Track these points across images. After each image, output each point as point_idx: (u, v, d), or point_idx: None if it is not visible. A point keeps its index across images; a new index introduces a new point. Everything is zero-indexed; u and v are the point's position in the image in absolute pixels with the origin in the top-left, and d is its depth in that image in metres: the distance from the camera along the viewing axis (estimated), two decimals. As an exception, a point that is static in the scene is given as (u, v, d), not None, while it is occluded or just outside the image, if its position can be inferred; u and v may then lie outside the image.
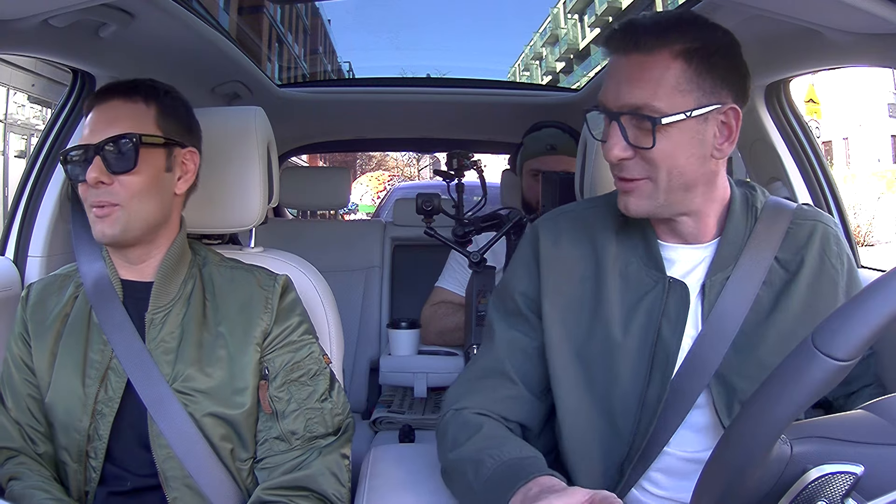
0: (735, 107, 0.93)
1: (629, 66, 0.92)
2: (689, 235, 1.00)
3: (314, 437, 1.11)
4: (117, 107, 1.10)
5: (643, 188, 0.94)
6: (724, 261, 0.99)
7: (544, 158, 2.01)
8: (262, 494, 1.07)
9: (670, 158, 0.92)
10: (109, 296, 1.12)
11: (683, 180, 0.94)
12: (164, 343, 1.10)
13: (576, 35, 4.41)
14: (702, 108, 0.90)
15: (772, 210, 1.02)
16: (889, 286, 0.52)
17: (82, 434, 1.07)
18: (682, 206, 0.97)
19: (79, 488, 1.08)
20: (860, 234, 10.44)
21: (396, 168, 21.08)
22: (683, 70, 0.90)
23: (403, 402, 2.19)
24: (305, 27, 3.72)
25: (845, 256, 1.01)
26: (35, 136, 9.06)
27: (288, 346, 1.14)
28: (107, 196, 1.06)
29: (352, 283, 2.48)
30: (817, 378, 0.52)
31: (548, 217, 1.10)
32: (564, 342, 1.00)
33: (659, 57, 0.90)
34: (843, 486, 0.56)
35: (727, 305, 0.96)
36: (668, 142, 0.91)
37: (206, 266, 1.18)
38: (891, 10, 0.92)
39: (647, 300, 0.98)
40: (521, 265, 1.07)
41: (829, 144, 16.31)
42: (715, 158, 0.95)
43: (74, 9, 1.12)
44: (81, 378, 1.08)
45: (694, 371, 0.96)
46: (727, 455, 0.57)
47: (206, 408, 1.08)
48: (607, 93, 0.94)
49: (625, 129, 0.92)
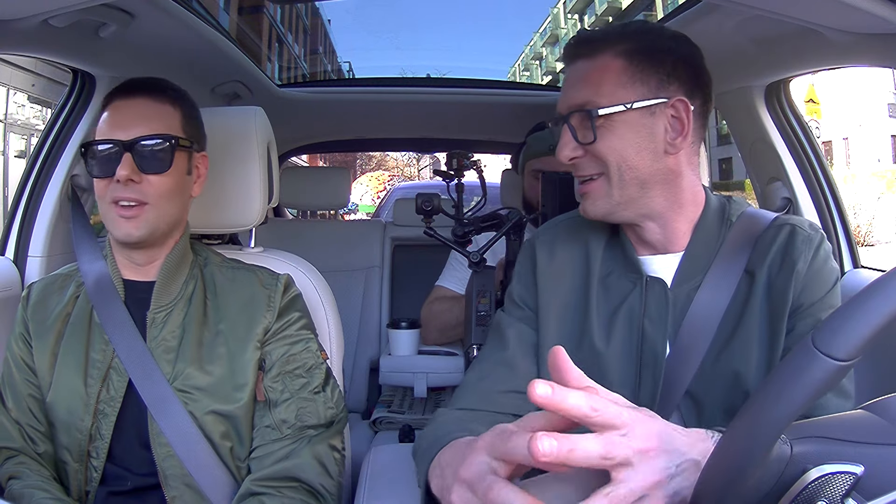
0: (684, 99, 0.92)
1: (575, 71, 0.96)
2: (659, 244, 0.99)
3: (305, 427, 1.12)
4: (146, 105, 1.10)
5: (598, 188, 0.96)
6: (690, 270, 0.97)
7: (547, 159, 2.00)
8: (251, 486, 1.07)
9: (618, 152, 0.93)
10: (111, 295, 1.12)
11: (636, 175, 0.94)
12: (164, 342, 1.10)
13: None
14: (645, 100, 0.92)
15: (746, 220, 0.99)
16: (889, 286, 0.52)
17: (84, 434, 1.07)
18: (641, 206, 0.96)
19: (79, 488, 1.08)
20: (860, 234, 10.44)
21: (396, 168, 21.09)
22: (624, 67, 0.92)
23: (403, 402, 2.19)
24: (305, 27, 3.72)
25: (812, 254, 0.94)
26: (35, 136, 9.06)
27: (285, 339, 1.15)
28: (136, 194, 1.07)
29: (352, 283, 2.48)
30: (817, 378, 0.52)
31: (546, 228, 1.11)
32: None
33: (601, 58, 0.94)
34: (843, 486, 0.56)
35: (696, 318, 0.95)
36: (612, 136, 0.92)
37: (208, 266, 1.19)
38: (891, 10, 0.92)
39: (627, 303, 0.98)
40: (521, 277, 1.09)
41: (829, 144, 16.32)
42: (670, 154, 0.94)
43: (74, 9, 1.12)
44: (83, 377, 1.09)
45: (678, 365, 0.94)
46: (727, 455, 0.57)
47: (207, 406, 1.09)
48: (559, 102, 0.98)
49: (573, 130, 0.95)
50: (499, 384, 1.01)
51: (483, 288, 1.68)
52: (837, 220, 1.64)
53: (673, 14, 1.48)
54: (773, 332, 0.92)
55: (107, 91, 1.12)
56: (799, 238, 0.94)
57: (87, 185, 1.58)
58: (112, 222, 1.08)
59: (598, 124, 0.92)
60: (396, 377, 2.02)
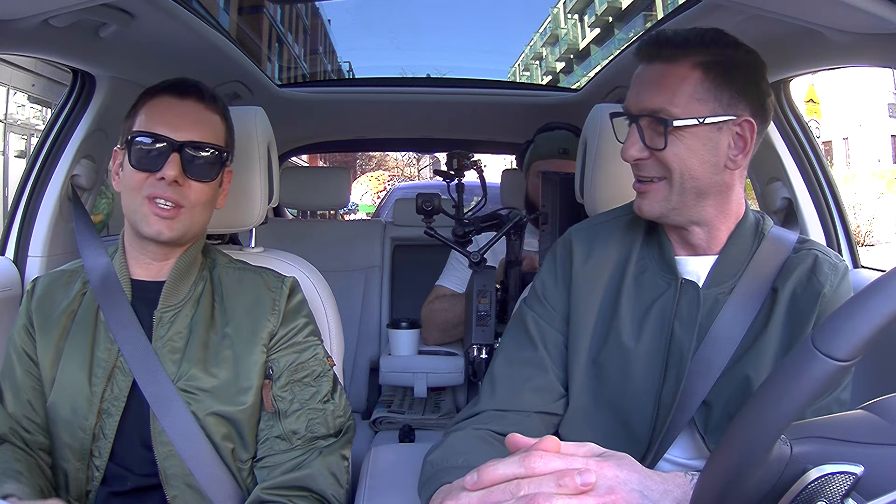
0: (751, 120, 0.96)
1: (651, 73, 0.98)
2: (699, 248, 1.03)
3: (315, 438, 1.12)
4: (198, 111, 1.11)
5: (658, 190, 0.99)
6: (722, 274, 1.01)
7: (554, 161, 2.00)
8: (260, 493, 1.07)
9: (683, 161, 0.96)
10: (116, 293, 1.11)
11: (696, 185, 0.97)
12: (171, 342, 1.10)
13: (576, 35, 4.39)
14: (716, 116, 0.94)
15: (775, 237, 1.03)
16: (889, 286, 0.52)
17: (88, 433, 1.07)
18: (694, 213, 0.99)
19: (80, 488, 1.08)
20: (860, 234, 10.43)
21: (396, 168, 21.09)
22: (701, 80, 0.95)
23: (403, 402, 2.19)
24: (305, 27, 3.72)
25: (838, 280, 0.99)
26: (35, 136, 9.05)
27: (293, 347, 1.14)
28: (178, 196, 1.07)
29: (352, 283, 2.49)
30: (817, 378, 0.52)
31: (583, 227, 1.13)
32: (583, 349, 1.04)
33: (679, 66, 0.95)
34: (843, 487, 0.56)
35: (723, 327, 0.98)
36: (681, 145, 0.95)
37: (216, 268, 1.19)
38: (891, 10, 0.92)
39: (659, 302, 1.01)
40: (553, 274, 1.10)
41: (829, 144, 16.32)
42: (729, 169, 0.98)
43: (74, 9, 1.12)
44: (88, 376, 1.08)
45: (701, 370, 0.97)
46: (727, 455, 0.57)
47: (210, 407, 1.09)
48: (630, 98, 1.00)
49: (642, 131, 0.97)
50: (530, 381, 1.03)
51: (483, 288, 1.68)
52: (837, 220, 1.63)
53: (673, 14, 1.48)
54: (791, 347, 0.95)
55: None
56: (826, 265, 0.99)
57: (88, 184, 1.58)
58: (143, 218, 1.07)
59: (670, 133, 0.95)
60: (396, 377, 2.02)
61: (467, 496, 0.69)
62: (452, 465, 0.87)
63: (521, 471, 0.68)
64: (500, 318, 1.72)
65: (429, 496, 0.84)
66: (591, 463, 0.69)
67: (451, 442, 0.96)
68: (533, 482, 0.67)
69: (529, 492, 0.66)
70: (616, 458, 0.71)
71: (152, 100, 1.11)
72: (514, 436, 0.75)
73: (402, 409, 2.13)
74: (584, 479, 0.66)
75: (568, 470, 0.67)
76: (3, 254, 1.52)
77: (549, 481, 0.66)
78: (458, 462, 0.87)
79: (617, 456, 0.72)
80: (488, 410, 1.02)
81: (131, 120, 1.11)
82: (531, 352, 1.05)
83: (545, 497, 0.65)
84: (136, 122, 1.10)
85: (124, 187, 1.09)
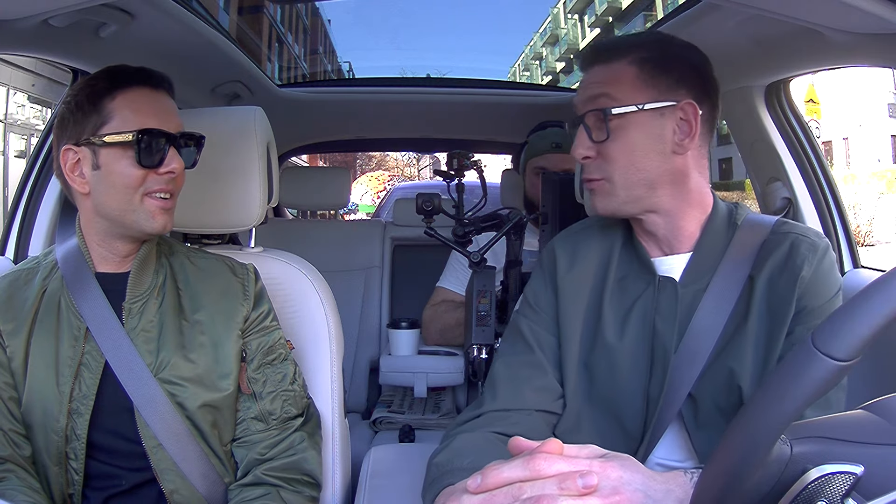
0: (692, 102, 0.97)
1: (591, 75, 1.03)
2: (665, 239, 1.03)
3: (289, 419, 1.16)
4: (170, 101, 1.11)
5: (604, 187, 1.01)
6: (698, 270, 1.01)
7: (549, 156, 2.02)
8: (261, 476, 1.11)
9: (626, 155, 0.98)
10: (91, 286, 1.08)
11: (644, 176, 0.98)
12: (144, 332, 1.08)
13: (576, 35, 4.40)
14: (656, 102, 0.97)
15: (749, 225, 1.02)
16: (889, 286, 0.52)
17: (60, 435, 1.04)
18: (648, 203, 1.00)
19: (62, 491, 1.06)
20: (860, 234, 10.43)
21: (396, 168, 21.09)
22: (637, 73, 0.98)
23: (403, 402, 2.19)
24: (305, 27, 3.72)
25: (817, 261, 0.96)
26: (35, 136, 9.06)
27: (263, 331, 1.17)
28: (173, 187, 1.09)
29: (352, 283, 2.49)
30: (817, 378, 0.52)
31: (566, 236, 1.14)
32: (573, 355, 1.05)
33: (615, 64, 1.00)
34: (843, 486, 0.56)
35: (703, 320, 0.98)
36: (624, 137, 0.98)
37: (174, 256, 1.18)
38: (891, 10, 0.92)
39: (640, 301, 1.02)
40: (540, 282, 1.12)
41: (829, 144, 16.33)
42: (678, 154, 0.98)
43: (74, 9, 1.12)
44: (55, 376, 1.05)
45: (684, 363, 0.98)
46: (727, 455, 0.57)
47: (200, 397, 1.08)
48: (576, 103, 1.04)
49: (588, 129, 1.00)
50: (530, 382, 1.05)
51: (483, 288, 1.68)
52: (837, 220, 1.64)
53: (673, 14, 1.48)
54: (771, 335, 0.95)
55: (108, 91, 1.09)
56: (804, 245, 0.97)
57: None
58: (147, 215, 1.06)
59: (612, 124, 0.97)
60: (396, 377, 2.02)
61: (470, 499, 0.70)
62: (458, 466, 0.88)
63: (525, 473, 0.68)
64: (500, 318, 1.73)
65: (433, 498, 0.84)
66: (595, 464, 0.69)
67: (457, 444, 0.96)
68: (535, 485, 0.67)
69: (532, 494, 0.66)
70: (619, 459, 0.71)
71: (126, 93, 1.06)
72: (516, 439, 0.76)
73: (402, 409, 2.13)
74: (585, 482, 0.66)
75: (570, 472, 0.67)
76: (3, 254, 1.52)
77: (551, 484, 0.67)
78: (463, 464, 0.88)
79: (620, 457, 0.72)
80: (491, 411, 1.03)
81: (104, 116, 1.05)
82: (529, 355, 1.07)
83: (548, 499, 0.65)
84: (119, 118, 1.04)
85: (117, 187, 1.05)
